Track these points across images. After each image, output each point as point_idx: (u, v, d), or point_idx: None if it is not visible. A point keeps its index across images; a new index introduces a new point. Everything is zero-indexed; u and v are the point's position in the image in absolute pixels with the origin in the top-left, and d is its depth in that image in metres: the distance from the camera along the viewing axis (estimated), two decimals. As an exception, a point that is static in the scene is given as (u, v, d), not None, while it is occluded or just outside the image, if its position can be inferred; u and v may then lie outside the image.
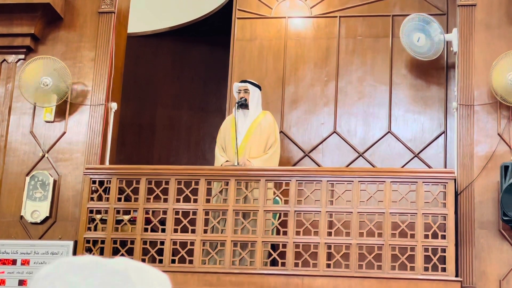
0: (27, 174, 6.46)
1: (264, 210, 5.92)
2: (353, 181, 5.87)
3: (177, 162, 8.79)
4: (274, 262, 5.91)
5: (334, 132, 7.34)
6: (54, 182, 6.41)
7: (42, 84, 6.41)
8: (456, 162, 6.10)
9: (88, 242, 6.04)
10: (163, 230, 6.00)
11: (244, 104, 6.61)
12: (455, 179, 5.86)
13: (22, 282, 6.05)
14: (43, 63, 6.51)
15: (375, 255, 5.71)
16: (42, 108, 6.59)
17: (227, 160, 6.49)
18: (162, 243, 5.96)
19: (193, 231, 5.95)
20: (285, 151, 7.26)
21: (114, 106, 6.67)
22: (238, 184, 6.03)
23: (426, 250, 5.68)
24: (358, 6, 7.59)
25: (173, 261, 5.92)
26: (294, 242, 5.82)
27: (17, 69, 6.74)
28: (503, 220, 5.77)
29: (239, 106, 6.60)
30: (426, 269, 5.64)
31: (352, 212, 5.81)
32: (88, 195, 6.13)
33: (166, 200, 6.06)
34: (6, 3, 6.63)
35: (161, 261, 5.88)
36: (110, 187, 6.13)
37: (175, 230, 5.97)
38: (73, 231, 6.25)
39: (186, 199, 6.04)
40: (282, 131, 7.31)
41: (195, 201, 6.01)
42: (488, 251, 5.83)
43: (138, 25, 8.82)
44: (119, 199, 6.11)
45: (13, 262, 6.13)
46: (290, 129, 7.42)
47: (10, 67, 6.78)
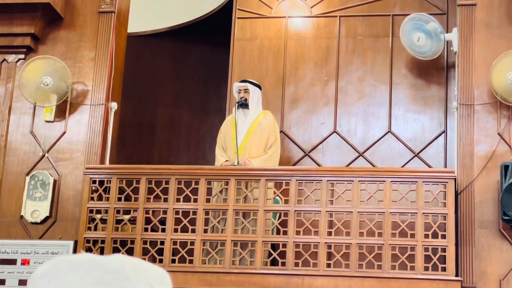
0: (27, 174, 6.46)
1: (264, 210, 5.92)
2: (353, 180, 5.87)
3: (177, 162, 8.78)
4: (274, 262, 5.90)
5: (334, 131, 7.33)
6: (54, 182, 6.41)
7: (42, 84, 6.41)
8: (456, 161, 6.10)
9: (88, 242, 6.04)
10: (163, 230, 5.99)
11: (244, 104, 6.61)
12: (455, 179, 5.86)
13: (22, 282, 6.05)
14: (43, 63, 6.50)
15: (375, 255, 5.71)
16: (42, 108, 6.58)
17: (227, 160, 6.48)
18: (162, 243, 5.96)
19: (193, 231, 5.95)
20: (285, 151, 7.26)
21: (114, 106, 6.67)
22: (238, 183, 6.03)
23: (426, 249, 5.68)
24: (358, 5, 7.58)
25: (173, 260, 5.91)
26: (294, 242, 5.82)
27: (17, 69, 6.74)
28: (503, 219, 5.77)
29: (239, 106, 6.60)
30: (426, 268, 5.64)
31: (352, 211, 5.81)
32: (88, 195, 6.12)
33: (166, 199, 6.06)
34: (6, 3, 6.62)
35: (161, 260, 5.88)
36: (110, 187, 6.13)
37: (175, 230, 5.97)
38: (73, 231, 6.25)
39: (186, 199, 6.04)
40: (282, 131, 7.31)
41: (195, 200, 6.01)
42: (488, 251, 5.83)
43: (138, 25, 8.82)
44: (119, 199, 6.11)
45: (13, 262, 6.13)
46: (290, 128, 7.42)
47: (10, 67, 6.78)
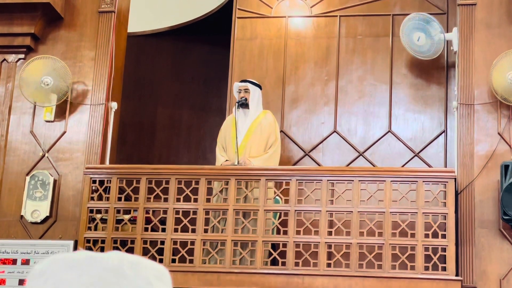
0: (27, 174, 6.46)
1: (264, 210, 5.92)
2: (353, 180, 5.87)
3: (177, 161, 8.78)
4: (274, 262, 5.90)
5: (334, 131, 7.33)
6: (54, 181, 6.41)
7: (42, 83, 6.41)
8: (456, 161, 6.10)
9: (88, 241, 6.04)
10: (164, 230, 6.00)
11: (244, 103, 6.60)
12: (455, 178, 5.86)
13: (23, 282, 6.06)
14: (43, 63, 6.50)
15: (376, 255, 5.71)
16: (42, 107, 6.58)
17: (227, 159, 6.48)
18: (163, 243, 5.96)
19: (193, 231, 5.95)
20: (285, 151, 7.26)
21: (114, 105, 6.67)
22: (239, 183, 6.03)
23: (427, 249, 5.68)
24: (358, 5, 7.58)
25: (173, 260, 5.92)
26: (294, 242, 5.82)
27: (17, 68, 6.74)
28: (503, 219, 5.77)
29: (240, 105, 6.59)
30: (427, 268, 5.64)
31: (352, 211, 5.81)
32: (88, 195, 6.13)
33: (166, 199, 6.06)
34: (6, 3, 6.62)
35: (161, 260, 5.88)
36: (110, 187, 6.13)
37: (176, 230, 5.97)
38: (73, 231, 6.25)
39: (187, 199, 6.04)
40: (282, 131, 7.30)
41: (196, 200, 6.01)
42: (488, 250, 5.83)
43: (138, 24, 8.82)
44: (119, 199, 6.12)
45: (13, 261, 6.13)
46: (290, 128, 7.42)
47: (10, 67, 6.78)
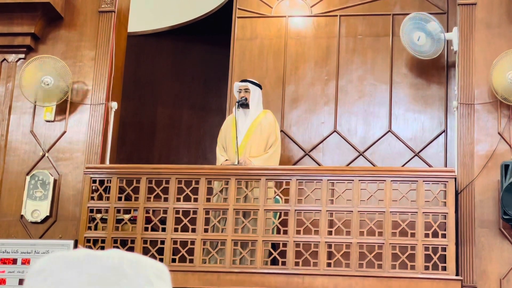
0: (28, 174, 6.46)
1: (264, 209, 5.92)
2: (353, 180, 5.87)
3: (177, 161, 8.78)
4: (274, 261, 5.90)
5: (335, 131, 7.33)
6: (55, 181, 6.41)
7: (43, 83, 6.41)
8: (456, 161, 6.10)
9: (88, 241, 6.04)
10: (164, 229, 6.00)
11: (244, 103, 6.60)
12: (456, 178, 5.86)
13: (23, 282, 6.05)
14: (43, 63, 6.50)
15: (376, 254, 5.71)
16: (42, 107, 6.58)
17: (227, 159, 6.48)
18: (163, 242, 5.96)
19: (193, 230, 5.95)
20: (285, 150, 7.26)
21: (114, 105, 6.66)
22: (239, 183, 6.03)
23: (427, 249, 5.68)
24: (358, 5, 7.58)
25: (173, 260, 5.92)
26: (294, 241, 5.82)
27: (17, 68, 6.74)
28: (504, 219, 5.77)
29: (240, 105, 6.59)
30: (427, 268, 5.64)
31: (352, 211, 5.81)
32: (88, 194, 6.13)
33: (166, 199, 6.06)
34: (6, 3, 6.62)
35: (161, 260, 5.88)
36: (110, 186, 6.13)
37: (176, 229, 5.97)
38: (73, 230, 6.25)
39: (187, 198, 6.04)
40: (282, 130, 7.30)
41: (196, 200, 6.01)
42: (488, 250, 5.83)
43: (138, 24, 8.82)
44: (120, 198, 6.12)
45: (13, 261, 6.13)
46: (291, 128, 7.42)
47: (11, 67, 6.78)
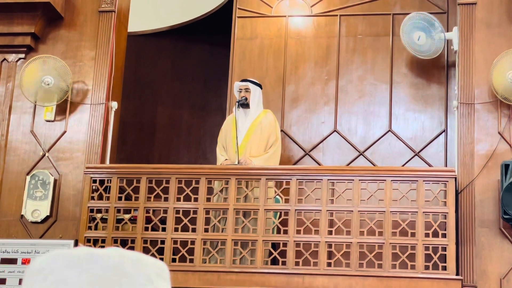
0: (28, 173, 6.46)
1: (264, 209, 5.92)
2: (353, 179, 5.87)
3: (177, 161, 8.78)
4: (274, 261, 5.90)
5: (335, 131, 7.33)
6: (55, 181, 6.41)
7: (43, 83, 6.40)
8: (456, 160, 6.10)
9: (88, 241, 6.04)
10: (164, 229, 6.00)
11: (245, 103, 6.60)
12: (456, 178, 5.86)
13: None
14: (44, 62, 6.50)
15: (376, 254, 5.71)
16: (42, 107, 6.58)
17: (227, 159, 6.48)
18: (163, 242, 5.96)
19: (193, 230, 5.95)
20: (285, 150, 7.26)
21: (114, 105, 6.66)
22: (239, 183, 6.03)
23: (427, 248, 5.68)
24: (359, 4, 7.58)
25: (173, 260, 5.92)
26: (294, 241, 5.82)
27: (17, 68, 6.74)
28: (504, 218, 5.77)
29: (240, 105, 6.59)
30: (427, 267, 5.64)
31: (352, 210, 5.81)
32: (88, 194, 6.13)
33: (166, 199, 6.06)
34: (6, 2, 6.62)
35: (161, 260, 5.87)
36: (110, 186, 6.13)
37: (176, 229, 5.97)
38: (73, 230, 6.25)
39: (187, 198, 6.04)
40: (282, 130, 7.30)
41: (196, 200, 6.01)
42: (488, 250, 5.83)
43: (138, 24, 8.82)
44: (120, 198, 6.12)
45: (14, 261, 6.13)
46: (291, 128, 7.42)
47: (11, 66, 6.77)
